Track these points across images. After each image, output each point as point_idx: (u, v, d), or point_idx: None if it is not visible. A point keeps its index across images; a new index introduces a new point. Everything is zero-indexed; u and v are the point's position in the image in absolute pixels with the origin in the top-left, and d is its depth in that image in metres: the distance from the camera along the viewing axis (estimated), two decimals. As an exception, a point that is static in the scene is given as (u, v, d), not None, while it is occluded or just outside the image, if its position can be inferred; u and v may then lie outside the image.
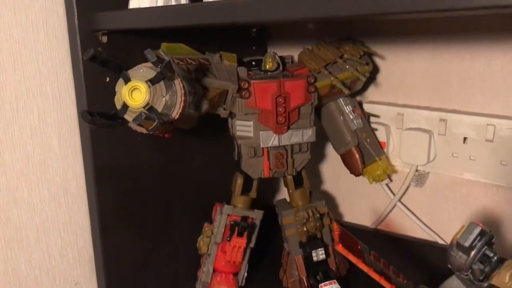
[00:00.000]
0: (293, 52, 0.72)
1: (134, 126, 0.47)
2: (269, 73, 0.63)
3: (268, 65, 0.63)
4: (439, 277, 0.66)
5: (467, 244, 0.40)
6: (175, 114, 0.48)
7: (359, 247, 0.48)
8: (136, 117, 0.44)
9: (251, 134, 0.63)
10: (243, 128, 0.63)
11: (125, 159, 0.64)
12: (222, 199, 0.69)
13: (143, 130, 0.47)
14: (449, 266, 0.44)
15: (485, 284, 0.42)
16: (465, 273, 0.42)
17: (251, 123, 0.62)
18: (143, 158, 0.66)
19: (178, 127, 0.52)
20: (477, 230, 0.40)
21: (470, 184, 0.70)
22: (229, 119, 0.65)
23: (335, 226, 0.49)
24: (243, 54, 0.67)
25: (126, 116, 0.47)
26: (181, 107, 0.48)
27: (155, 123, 0.44)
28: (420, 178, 0.74)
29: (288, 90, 0.61)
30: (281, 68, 0.64)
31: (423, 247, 0.75)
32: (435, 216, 0.76)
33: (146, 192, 0.67)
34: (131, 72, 0.47)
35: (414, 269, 0.69)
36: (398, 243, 0.77)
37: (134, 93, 0.46)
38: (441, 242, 0.75)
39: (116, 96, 0.48)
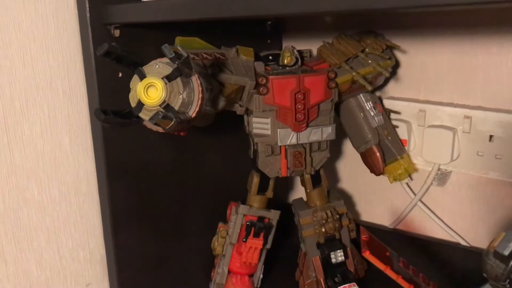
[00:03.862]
0: (309, 46, 0.70)
1: (149, 125, 0.45)
2: (287, 68, 0.61)
3: (287, 59, 0.61)
4: (461, 279, 0.64)
5: (506, 252, 0.38)
6: (193, 112, 0.45)
7: (387, 253, 0.46)
8: (153, 116, 0.42)
9: (269, 132, 0.60)
10: (260, 125, 0.60)
11: (138, 157, 0.62)
12: (237, 198, 0.67)
13: (159, 129, 0.45)
14: (484, 274, 0.41)
15: (521, 294, 0.40)
16: (503, 283, 0.39)
17: (268, 120, 0.60)
18: (157, 156, 0.64)
19: (194, 124, 0.50)
20: (517, 238, 0.38)
21: (495, 184, 0.68)
22: (245, 116, 0.63)
23: (362, 232, 0.47)
24: (258, 48, 0.64)
25: (141, 115, 0.45)
26: (199, 104, 0.46)
27: (173, 122, 0.42)
28: (442, 177, 0.71)
29: (308, 86, 0.59)
30: (299, 62, 0.62)
31: (445, 248, 0.73)
32: (457, 216, 0.73)
33: (159, 190, 0.65)
34: (146, 68, 0.45)
35: (435, 270, 0.67)
36: (418, 244, 0.75)
37: (150, 90, 0.43)
38: (463, 243, 0.73)
39: (130, 93, 0.46)
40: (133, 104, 0.45)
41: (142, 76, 0.44)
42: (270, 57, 0.63)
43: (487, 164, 0.66)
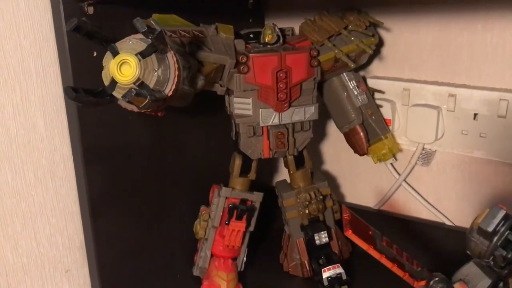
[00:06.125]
0: (292, 24, 0.68)
1: (123, 104, 0.43)
2: (268, 46, 0.60)
3: (268, 37, 0.59)
4: (445, 259, 0.63)
5: (490, 229, 0.37)
6: (168, 90, 0.44)
7: (370, 232, 0.45)
8: (125, 93, 0.40)
9: (250, 112, 0.59)
10: (241, 105, 0.59)
11: (115, 140, 0.60)
12: (219, 180, 0.66)
13: (134, 108, 0.43)
14: (468, 252, 0.41)
15: (506, 271, 0.40)
16: (486, 260, 0.39)
17: (250, 100, 0.59)
18: (135, 138, 0.62)
19: (171, 105, 0.48)
20: (501, 214, 0.37)
21: (480, 163, 0.67)
22: (226, 96, 0.61)
23: (344, 210, 0.46)
24: (240, 27, 0.62)
25: (114, 93, 0.43)
26: (175, 82, 0.44)
27: (147, 100, 0.40)
28: (427, 156, 0.71)
29: (290, 64, 0.57)
30: (281, 40, 0.60)
31: (429, 228, 0.73)
32: (442, 196, 0.73)
33: (139, 174, 0.64)
34: (119, 45, 0.43)
35: (419, 250, 0.67)
36: (403, 224, 0.74)
37: (123, 68, 0.42)
38: (448, 223, 0.72)
39: (103, 71, 0.44)
40: (106, 82, 0.43)
41: (115, 53, 0.42)
42: (251, 35, 0.62)
43: (471, 142, 0.66)
